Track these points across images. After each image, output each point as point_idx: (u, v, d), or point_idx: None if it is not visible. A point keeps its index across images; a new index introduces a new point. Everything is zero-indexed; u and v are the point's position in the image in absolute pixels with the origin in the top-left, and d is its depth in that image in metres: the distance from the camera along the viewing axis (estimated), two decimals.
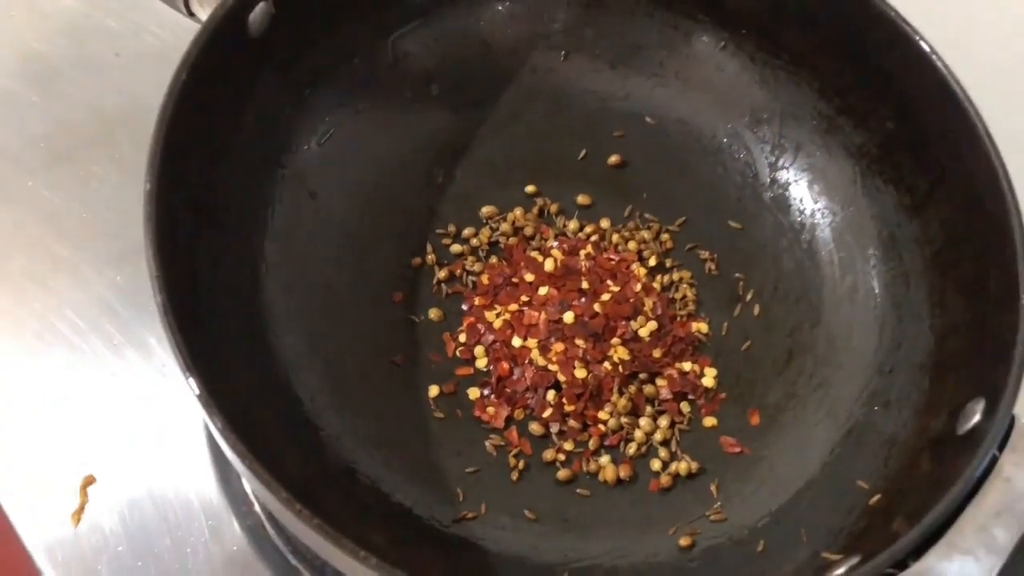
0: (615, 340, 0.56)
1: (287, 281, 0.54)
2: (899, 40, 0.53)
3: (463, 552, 0.49)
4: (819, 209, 0.60)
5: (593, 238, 0.60)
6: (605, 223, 0.61)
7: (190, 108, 0.47)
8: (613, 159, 0.62)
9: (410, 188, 0.60)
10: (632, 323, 0.57)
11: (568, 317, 0.57)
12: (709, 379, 0.56)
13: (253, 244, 0.54)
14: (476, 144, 0.62)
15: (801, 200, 0.61)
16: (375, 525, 0.48)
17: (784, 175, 0.61)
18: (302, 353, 0.53)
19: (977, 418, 0.45)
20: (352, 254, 0.57)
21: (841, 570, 0.43)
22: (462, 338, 0.57)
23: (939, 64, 0.52)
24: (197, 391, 0.39)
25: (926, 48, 0.52)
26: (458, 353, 0.56)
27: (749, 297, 0.59)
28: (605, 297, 0.58)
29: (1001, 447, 0.43)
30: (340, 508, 0.47)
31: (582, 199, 0.62)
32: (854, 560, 0.43)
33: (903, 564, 0.41)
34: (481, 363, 0.56)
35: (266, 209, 0.55)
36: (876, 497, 0.48)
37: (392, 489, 0.50)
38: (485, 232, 0.60)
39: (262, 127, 0.55)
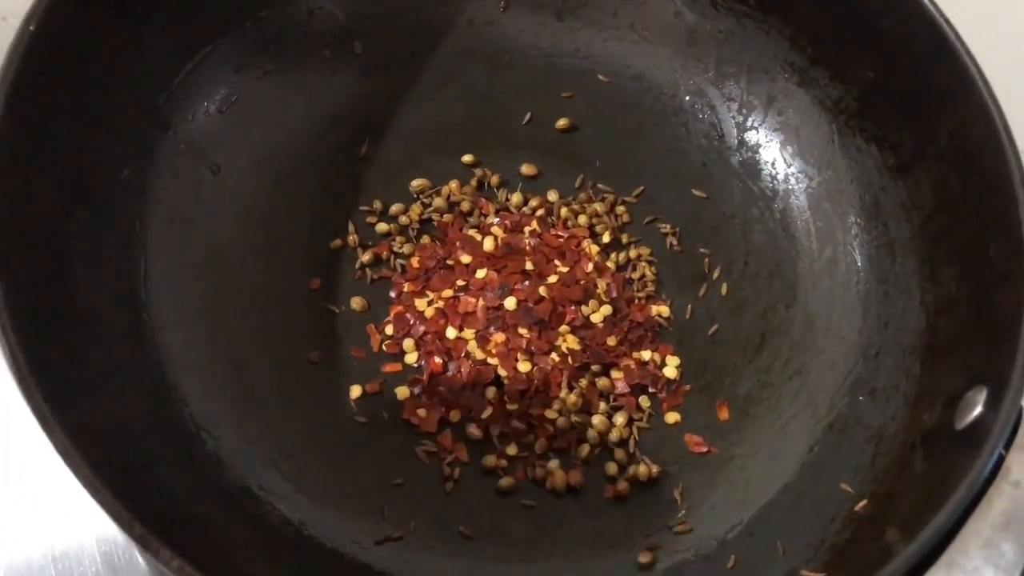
0: (563, 328, 0.50)
1: (182, 268, 0.48)
2: None
3: None
4: (793, 173, 0.54)
5: (539, 213, 0.54)
6: (553, 195, 0.55)
7: (45, 66, 0.41)
8: (561, 123, 0.56)
9: (329, 160, 0.53)
10: (583, 308, 0.51)
11: (509, 303, 0.50)
12: (671, 369, 0.50)
13: (139, 226, 0.47)
14: (405, 109, 0.55)
15: (773, 164, 0.55)
16: (281, 555, 0.41)
17: (753, 136, 0.55)
18: (198, 352, 0.46)
19: (979, 410, 0.39)
20: (261, 236, 0.51)
21: None
22: (389, 330, 0.50)
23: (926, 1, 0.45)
24: (20, 383, 0.32)
25: None
26: (384, 347, 0.50)
27: (716, 275, 0.53)
28: (552, 279, 0.51)
29: (1008, 445, 0.37)
30: (236, 536, 0.40)
31: (527, 169, 0.55)
32: None
33: None
34: (411, 358, 0.49)
35: (156, 186, 0.48)
36: (862, 503, 0.43)
37: (302, 509, 0.44)
38: (416, 208, 0.53)
39: (149, 91, 0.48)
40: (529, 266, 0.51)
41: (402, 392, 0.48)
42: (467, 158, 0.55)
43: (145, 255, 0.46)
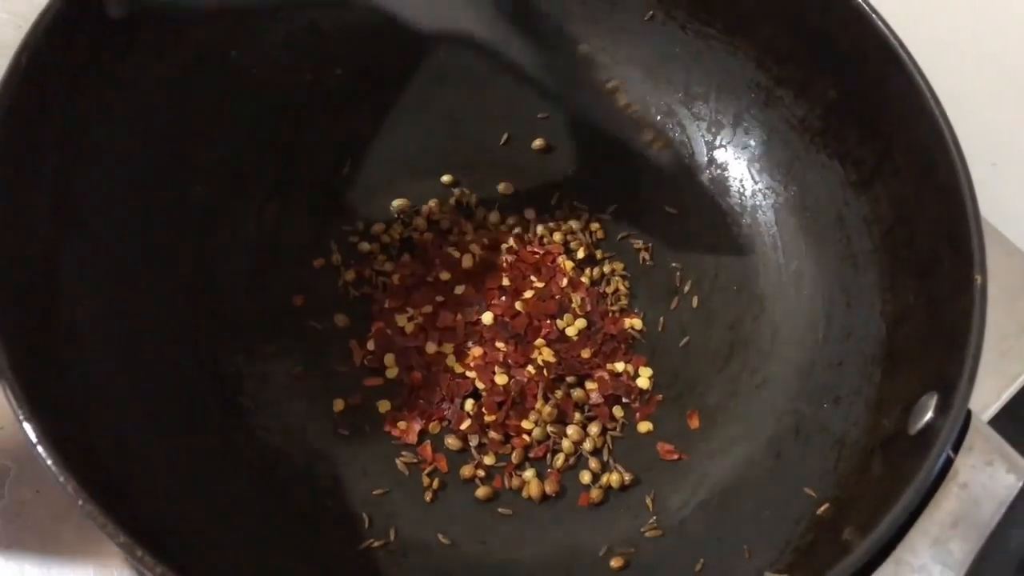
0: (539, 341, 0.52)
1: (171, 289, 0.49)
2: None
3: None
4: (760, 190, 0.56)
5: (516, 230, 0.56)
6: (529, 213, 0.57)
7: (38, 96, 0.42)
8: (537, 143, 0.58)
9: (312, 182, 0.55)
10: (558, 321, 0.52)
11: (487, 318, 0.52)
12: (644, 380, 0.52)
13: (131, 248, 0.48)
14: (386, 131, 0.57)
15: (741, 180, 0.56)
16: (265, 562, 0.43)
17: (722, 154, 0.57)
18: (186, 367, 0.48)
19: (929, 415, 0.40)
20: (247, 257, 0.52)
21: None
22: (370, 345, 0.52)
23: (879, 22, 0.47)
24: (10, 399, 0.34)
25: (864, 6, 0.47)
26: (366, 362, 0.51)
27: (687, 288, 0.55)
28: (528, 294, 0.53)
29: (956, 448, 0.38)
30: (222, 543, 0.42)
31: (504, 188, 0.57)
32: None
33: None
34: (392, 372, 0.51)
35: (148, 209, 0.49)
36: (824, 507, 0.44)
37: (286, 517, 0.45)
38: (396, 228, 0.55)
39: (136, 119, 0.49)
40: (506, 282, 0.53)
41: (383, 405, 0.50)
42: (446, 178, 0.57)
43: (135, 276, 0.48)
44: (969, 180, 0.44)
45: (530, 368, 0.51)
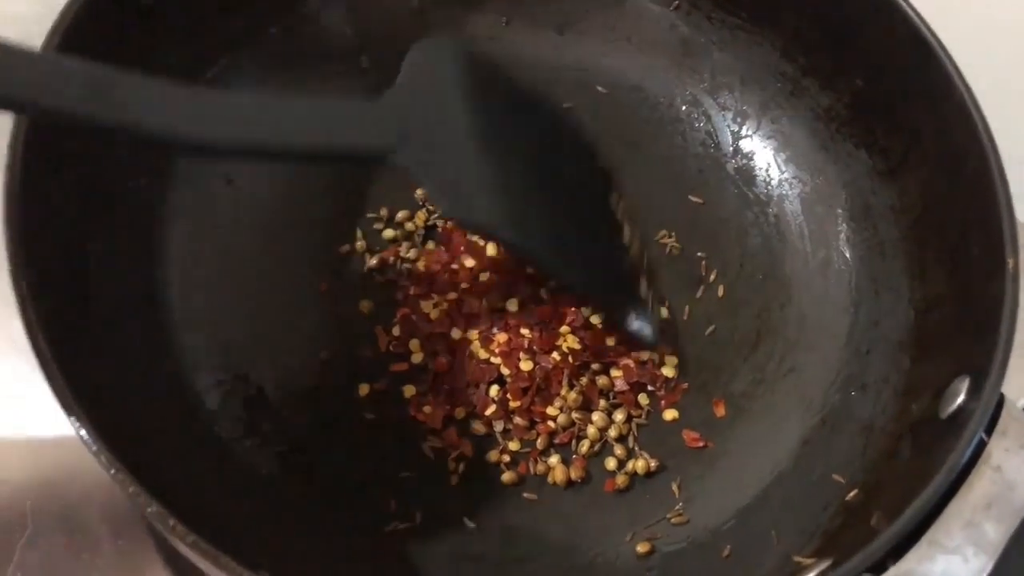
0: (564, 328, 0.51)
1: (197, 273, 0.50)
2: None
3: (392, 567, 0.44)
4: (787, 179, 0.56)
5: None
6: None
7: None
8: None
9: (337, 170, 0.55)
10: (583, 309, 0.52)
11: (512, 305, 0.52)
12: (669, 368, 0.52)
13: (157, 233, 0.49)
14: None
15: (767, 170, 0.56)
16: (292, 539, 0.43)
17: (748, 144, 0.57)
18: (213, 353, 0.48)
19: (961, 398, 0.40)
20: (272, 243, 0.52)
21: (811, 575, 0.38)
22: (396, 331, 0.52)
23: (908, 10, 0.47)
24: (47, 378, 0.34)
25: None
26: (391, 348, 0.51)
27: (713, 277, 0.54)
28: (553, 282, 0.53)
29: (989, 431, 0.38)
30: (247, 522, 0.42)
31: None
32: (825, 564, 0.38)
33: (882, 566, 0.36)
34: (417, 358, 0.51)
35: (173, 196, 0.50)
36: (853, 492, 0.44)
37: (313, 499, 0.45)
38: (421, 215, 0.55)
39: None
40: (530, 269, 0.53)
41: (409, 390, 0.50)
42: None
43: (162, 261, 0.49)
44: (1000, 168, 0.43)
45: (555, 355, 0.51)
